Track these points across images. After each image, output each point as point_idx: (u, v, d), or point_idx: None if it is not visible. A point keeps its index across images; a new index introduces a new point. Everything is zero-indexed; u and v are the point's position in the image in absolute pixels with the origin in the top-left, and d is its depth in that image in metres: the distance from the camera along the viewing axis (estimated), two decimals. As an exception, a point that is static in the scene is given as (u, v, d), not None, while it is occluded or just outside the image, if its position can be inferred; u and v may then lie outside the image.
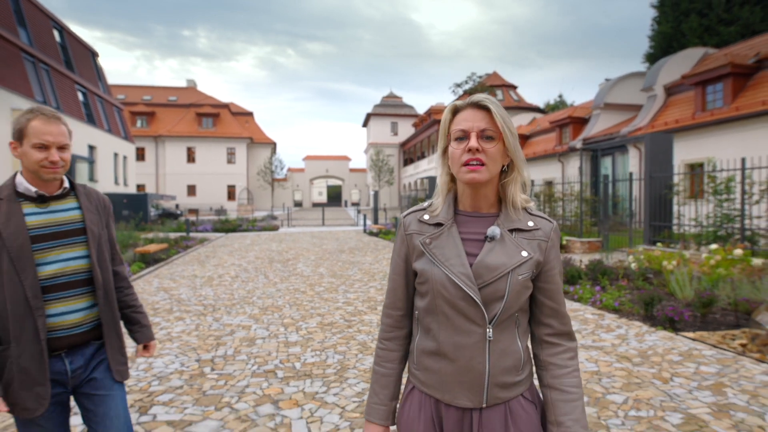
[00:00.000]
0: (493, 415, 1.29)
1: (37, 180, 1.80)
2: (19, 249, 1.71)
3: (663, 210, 10.69)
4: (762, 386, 3.85)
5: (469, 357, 1.27)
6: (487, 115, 1.29)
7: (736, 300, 6.00)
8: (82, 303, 1.82)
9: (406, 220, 1.43)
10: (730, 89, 16.14)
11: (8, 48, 19.80)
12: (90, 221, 1.87)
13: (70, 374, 1.81)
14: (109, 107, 31.56)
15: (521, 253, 1.29)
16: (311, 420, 3.33)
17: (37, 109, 1.77)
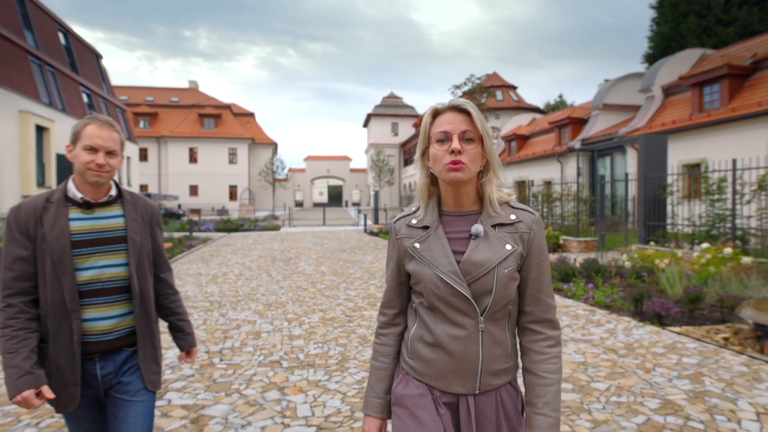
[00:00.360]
0: (485, 400, 1.39)
1: (84, 185, 1.85)
2: (61, 253, 1.75)
3: (657, 210, 10.92)
4: (738, 375, 4.09)
5: (464, 347, 1.35)
6: (467, 118, 1.36)
7: (723, 297, 6.22)
8: (116, 310, 1.85)
9: (396, 225, 1.51)
10: (726, 90, 16.36)
11: (16, 51, 20.07)
12: (132, 230, 1.88)
13: (101, 379, 1.85)
14: (112, 108, 31.83)
15: (505, 247, 1.36)
16: (315, 404, 3.58)
17: (94, 116, 1.85)
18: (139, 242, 1.88)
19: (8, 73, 19.01)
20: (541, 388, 1.38)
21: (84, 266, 1.79)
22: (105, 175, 1.82)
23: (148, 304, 1.91)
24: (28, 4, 22.84)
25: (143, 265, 1.90)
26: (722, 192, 9.22)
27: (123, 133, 1.92)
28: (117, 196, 1.92)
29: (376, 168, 53.62)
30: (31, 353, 1.74)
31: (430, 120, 1.42)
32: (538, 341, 1.42)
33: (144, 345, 1.90)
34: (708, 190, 9.44)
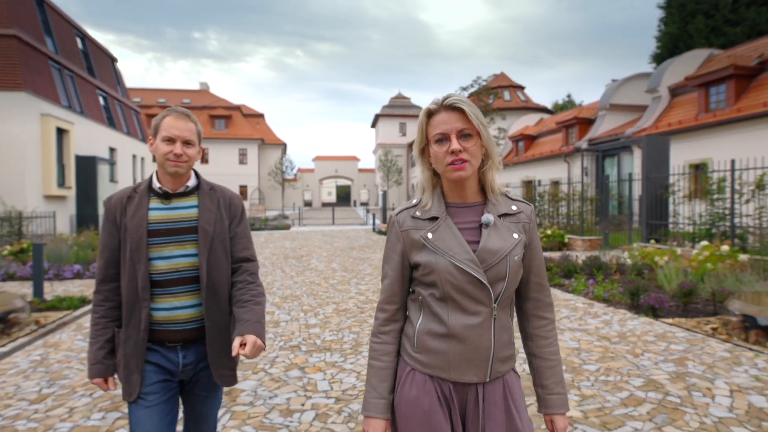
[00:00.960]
0: (494, 388, 1.42)
1: (165, 176, 1.90)
2: (138, 241, 1.81)
3: (660, 209, 11.23)
4: (720, 360, 4.44)
5: (478, 336, 1.38)
6: (462, 115, 1.38)
7: (717, 291, 6.55)
8: (192, 300, 1.86)
9: (399, 217, 1.50)
10: (732, 91, 16.56)
11: (37, 56, 20.70)
12: (204, 220, 1.88)
13: (181, 367, 1.87)
14: (127, 110, 32.48)
15: (513, 236, 1.42)
16: (333, 381, 3.99)
17: (172, 108, 1.90)
18: (211, 232, 1.88)
19: (31, 78, 19.64)
20: (550, 369, 1.49)
21: (160, 255, 1.84)
22: (183, 165, 1.86)
23: (220, 295, 1.90)
24: (48, 10, 23.49)
25: (216, 255, 1.89)
26: (722, 192, 9.52)
27: (199, 124, 1.95)
28: (195, 187, 1.95)
29: (384, 168, 54.00)
30: (106, 343, 1.86)
31: (425, 120, 1.45)
32: (543, 327, 1.51)
33: (214, 338, 1.87)
34: (708, 190, 9.74)
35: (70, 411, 3.62)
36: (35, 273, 8.18)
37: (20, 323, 6.25)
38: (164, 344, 1.85)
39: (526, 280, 1.49)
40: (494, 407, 1.40)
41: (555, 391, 1.48)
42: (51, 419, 3.49)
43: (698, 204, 11.07)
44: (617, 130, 22.72)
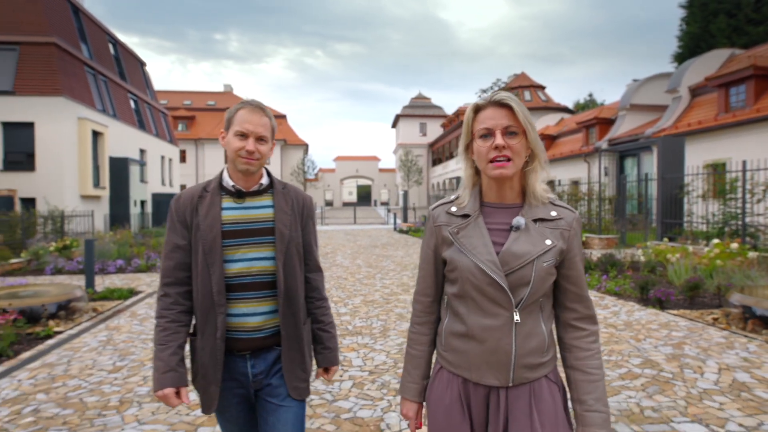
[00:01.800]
0: (518, 393, 1.37)
1: (236, 173, 1.79)
2: (212, 242, 1.71)
3: (675, 208, 11.55)
4: (715, 345, 4.89)
5: (497, 338, 1.35)
6: (509, 112, 1.36)
7: (723, 285, 6.94)
8: (264, 306, 1.76)
9: (435, 212, 1.51)
10: (752, 91, 16.67)
11: (74, 63, 21.73)
12: (280, 221, 1.79)
13: (251, 378, 1.78)
14: (156, 113, 33.58)
15: (545, 242, 1.36)
16: (365, 359, 4.57)
17: (246, 101, 1.78)
18: (287, 235, 1.79)
19: (68, 83, 20.64)
20: (590, 384, 1.39)
21: (233, 258, 1.73)
22: (255, 163, 1.75)
23: (295, 302, 1.80)
24: (83, 17, 24.56)
25: (292, 260, 1.79)
26: (734, 191, 9.84)
27: (273, 119, 1.84)
28: (268, 186, 1.86)
29: (404, 168, 54.48)
30: (178, 348, 1.72)
31: (472, 116, 1.43)
32: (583, 338, 1.43)
33: (289, 347, 1.78)
34: (721, 190, 10.07)
35: (144, 379, 4.26)
36: (87, 267, 8.92)
37: (80, 310, 6.96)
38: (233, 352, 1.76)
39: (564, 289, 1.44)
40: (519, 413, 1.37)
41: (595, 408, 1.37)
42: (129, 385, 4.13)
43: (712, 203, 11.37)
44: (637, 130, 22.87)
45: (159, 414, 3.55)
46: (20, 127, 19.93)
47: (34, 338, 5.65)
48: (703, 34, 26.00)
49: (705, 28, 25.94)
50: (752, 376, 4.01)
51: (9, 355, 5.03)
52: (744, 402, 3.52)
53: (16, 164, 19.83)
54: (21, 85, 20.15)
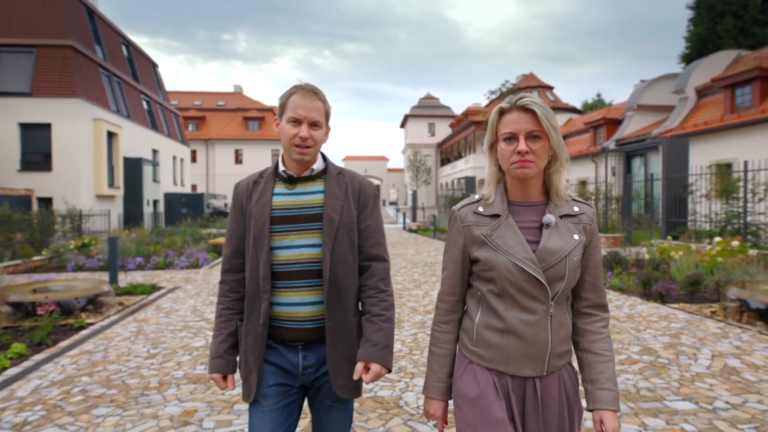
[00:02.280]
0: (550, 381, 1.45)
1: (289, 160, 1.75)
2: (261, 228, 1.68)
3: (679, 208, 11.80)
4: (711, 335, 5.18)
5: (536, 332, 1.41)
6: (533, 117, 1.39)
7: (722, 281, 7.22)
8: (314, 296, 1.69)
9: (461, 212, 1.53)
10: (757, 92, 16.86)
11: (90, 65, 22.22)
12: (330, 207, 1.70)
13: (301, 370, 1.72)
14: (168, 114, 34.10)
15: (574, 237, 1.43)
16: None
17: (298, 85, 1.73)
18: (336, 221, 1.70)
19: (84, 85, 21.11)
20: (602, 365, 1.47)
21: (282, 245, 1.69)
22: (308, 152, 1.70)
23: (344, 292, 1.70)
24: (97, 20, 25.05)
25: (341, 247, 1.70)
26: (736, 191, 10.09)
27: (328, 102, 1.77)
28: (322, 171, 1.79)
29: (413, 168, 54.75)
30: (229, 336, 1.75)
31: (496, 118, 1.46)
32: (595, 322, 1.51)
33: (335, 340, 1.68)
34: (723, 189, 10.32)
35: (179, 364, 4.62)
36: (111, 263, 9.32)
37: (107, 304, 7.34)
38: (285, 343, 1.72)
39: (582, 279, 1.51)
40: (551, 399, 1.44)
41: (606, 386, 1.46)
42: (166, 369, 4.49)
43: (715, 203, 11.61)
44: (645, 131, 23.06)
45: (197, 393, 3.90)
46: (37, 128, 20.40)
47: (68, 329, 6.03)
48: (710, 35, 26.13)
49: (712, 29, 26.06)
50: (742, 362, 4.31)
51: (48, 343, 5.41)
52: (732, 384, 3.83)
53: (34, 164, 20.30)
54: (38, 87, 20.63)
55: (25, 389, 4.03)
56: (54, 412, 3.61)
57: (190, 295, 8.16)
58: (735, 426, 3.13)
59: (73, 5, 22.89)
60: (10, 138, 19.95)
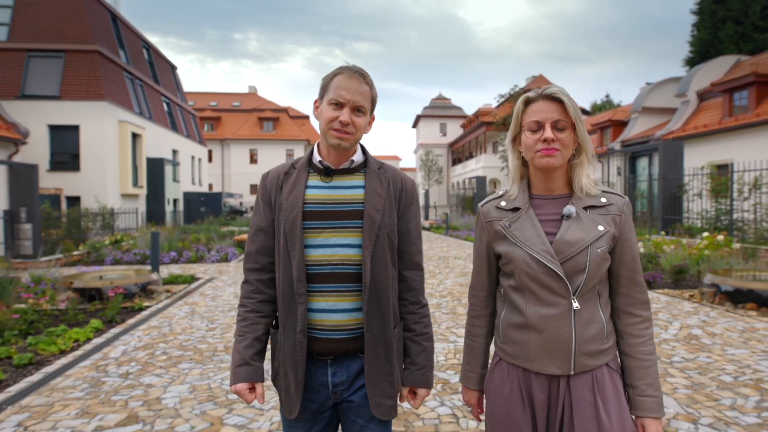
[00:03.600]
0: (580, 382, 1.37)
1: (327, 149, 1.60)
2: (292, 223, 1.53)
3: (674, 206, 12.64)
4: (684, 312, 6.07)
5: (556, 327, 1.36)
6: (560, 106, 1.37)
7: (704, 270, 8.07)
8: (347, 302, 1.53)
9: (485, 208, 1.53)
10: (754, 96, 17.59)
11: (115, 68, 23.31)
12: (371, 204, 1.55)
13: (331, 388, 1.56)
14: (186, 115, 35.20)
15: (598, 228, 1.37)
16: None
17: (345, 66, 1.57)
18: (378, 221, 1.54)
19: (110, 88, 22.18)
20: (642, 370, 1.40)
21: (315, 243, 1.54)
22: (348, 138, 1.54)
23: (384, 300, 1.54)
24: (120, 24, 26.15)
25: (383, 250, 1.55)
26: (724, 190, 10.93)
27: (375, 88, 1.63)
28: (362, 164, 1.64)
29: (425, 167, 55.59)
30: (255, 341, 1.58)
31: (522, 107, 1.44)
32: (635, 324, 1.43)
33: (374, 354, 1.54)
34: (713, 189, 11.16)
35: (237, 333, 5.59)
36: (153, 256, 10.31)
37: (156, 291, 8.33)
38: (312, 355, 1.56)
39: (616, 274, 1.44)
40: (584, 402, 1.36)
41: (647, 393, 1.40)
42: (227, 337, 5.45)
43: (707, 201, 12.43)
44: (649, 132, 23.79)
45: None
46: (66, 130, 21.44)
47: (130, 310, 7.01)
48: (712, 40, 26.80)
49: (714, 35, 26.74)
50: (704, 331, 5.21)
51: (117, 321, 6.39)
52: (691, 346, 4.73)
53: (62, 164, 21.32)
54: (67, 91, 21.68)
55: (116, 353, 5.00)
56: (147, 366, 4.57)
57: (227, 284, 9.14)
58: (684, 372, 4.03)
59: (98, 11, 24.00)
60: (40, 139, 20.97)
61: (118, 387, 4.01)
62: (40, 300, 6.95)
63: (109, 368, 4.50)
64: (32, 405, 3.67)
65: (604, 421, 1.33)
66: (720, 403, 3.47)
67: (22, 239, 12.72)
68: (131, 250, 13.59)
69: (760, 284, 6.33)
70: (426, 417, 3.34)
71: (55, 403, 3.69)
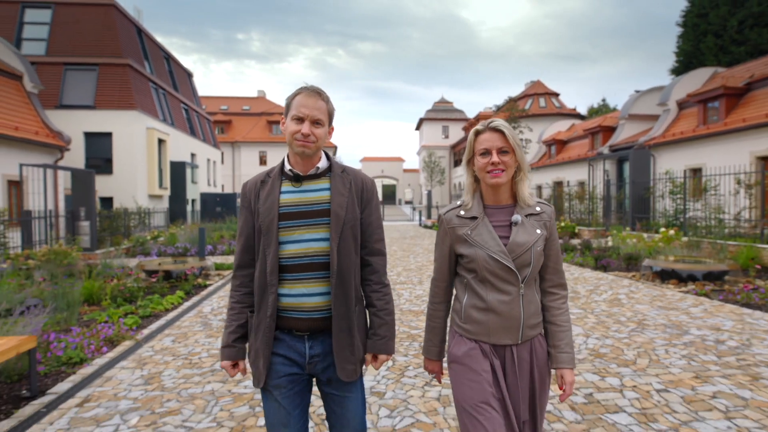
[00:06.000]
0: (523, 348, 1.86)
1: (294, 158, 1.87)
2: (269, 225, 1.80)
3: (643, 206, 14.63)
4: (620, 286, 8.09)
5: (510, 309, 1.81)
6: (502, 136, 1.81)
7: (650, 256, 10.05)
8: (319, 287, 1.82)
9: (447, 216, 1.94)
10: (723, 107, 19.54)
11: (142, 79, 25.36)
12: (336, 204, 1.83)
13: (308, 359, 1.86)
14: (202, 120, 37.22)
15: (537, 231, 1.83)
16: (411, 292, 7.86)
17: (303, 87, 1.85)
18: (343, 217, 1.83)
19: (139, 98, 24.21)
20: (562, 333, 1.90)
21: (290, 239, 1.82)
22: (310, 146, 1.81)
23: (347, 284, 1.84)
24: (145, 38, 28.22)
25: (346, 242, 1.84)
26: (679, 193, 12.92)
27: (331, 103, 1.89)
28: (326, 169, 1.92)
29: (428, 169, 57.44)
30: (238, 327, 1.91)
31: (473, 137, 1.88)
32: (556, 300, 1.93)
33: (339, 328, 1.83)
34: (671, 191, 13.15)
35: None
36: (200, 247, 12.39)
37: (210, 275, 10.38)
38: (291, 332, 1.85)
39: (545, 265, 1.91)
40: (524, 362, 1.85)
41: (565, 350, 1.88)
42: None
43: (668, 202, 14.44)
44: (635, 138, 25.73)
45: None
46: (100, 137, 23.45)
47: (196, 287, 9.04)
48: (695, 51, 28.73)
49: (696, 47, 28.67)
50: (627, 297, 7.24)
51: (192, 293, 8.42)
52: (611, 303, 6.78)
53: (97, 168, 23.28)
54: (100, 101, 23.69)
55: (206, 309, 7.03)
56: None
57: (266, 269, 11.21)
58: (597, 317, 6.07)
59: (127, 26, 26.08)
60: (76, 145, 22.97)
61: (220, 326, 6.06)
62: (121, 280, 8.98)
63: (208, 317, 6.54)
64: (171, 334, 5.72)
65: (535, 374, 1.85)
66: (609, 329, 5.53)
67: (82, 235, 14.81)
68: (173, 243, 15.62)
69: (680, 265, 8.37)
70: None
71: (186, 332, 5.74)
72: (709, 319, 5.96)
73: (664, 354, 4.64)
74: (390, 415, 3.43)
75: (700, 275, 8.17)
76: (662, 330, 5.48)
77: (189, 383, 4.09)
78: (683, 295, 7.39)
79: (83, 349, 4.80)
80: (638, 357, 4.56)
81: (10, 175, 15.76)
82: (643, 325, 5.68)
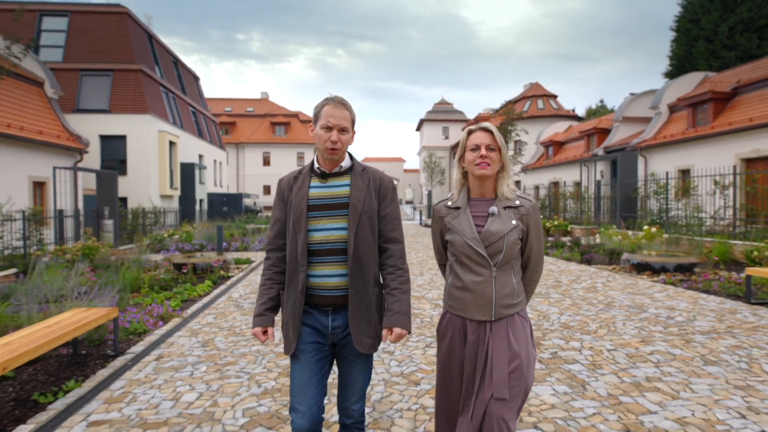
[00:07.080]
0: (499, 325, 2.09)
1: (323, 159, 2.20)
2: (299, 214, 2.14)
3: (630, 205, 15.62)
4: (600, 276, 9.08)
5: (482, 288, 2.07)
6: (491, 135, 2.11)
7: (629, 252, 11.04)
8: (341, 269, 2.13)
9: (437, 207, 2.26)
10: (711, 111, 20.51)
11: (154, 84, 26.35)
12: (355, 198, 2.15)
13: (330, 330, 2.18)
14: (208, 122, 38.17)
15: (512, 222, 2.08)
16: (413, 282, 8.87)
17: (329, 97, 2.16)
18: (360, 209, 2.14)
19: (151, 102, 25.19)
20: (529, 294, 2.28)
21: (316, 227, 2.15)
22: (337, 152, 2.15)
23: (365, 266, 2.14)
24: (155, 43, 29.21)
25: (363, 230, 2.14)
26: (663, 193, 13.91)
27: (353, 111, 2.21)
28: (349, 168, 2.25)
29: (428, 169, 58.36)
30: (269, 300, 2.24)
31: (466, 136, 2.17)
32: (527, 278, 2.25)
33: (356, 305, 2.13)
34: (656, 191, 14.14)
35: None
36: (218, 244, 13.41)
37: (229, 268, 11.40)
38: (318, 308, 2.18)
39: (527, 256, 2.20)
40: (499, 337, 2.07)
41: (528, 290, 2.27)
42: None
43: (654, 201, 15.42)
44: (628, 140, 26.68)
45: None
46: (115, 139, 24.41)
47: (220, 278, 10.04)
48: (687, 55, 29.71)
49: (689, 51, 29.65)
50: (603, 285, 8.24)
51: (218, 283, 9.43)
52: (588, 291, 7.77)
53: (111, 169, 24.37)
54: (115, 105, 24.66)
55: (235, 295, 8.03)
56: (259, 302, 7.64)
57: (280, 263, 12.23)
58: (574, 300, 7.07)
59: (139, 33, 27.08)
60: (92, 148, 23.91)
61: (250, 308, 7.05)
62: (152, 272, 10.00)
63: (239, 301, 7.54)
64: (211, 313, 6.72)
65: (513, 346, 2.07)
66: (581, 308, 6.54)
67: (106, 232, 15.84)
68: (189, 240, 16.62)
69: (654, 258, 9.38)
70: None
71: (224, 311, 6.75)
72: (668, 301, 6.97)
73: (621, 326, 5.65)
74: (399, 365, 4.44)
75: (671, 267, 9.17)
76: (626, 310, 6.48)
77: (238, 345, 5.10)
78: (653, 284, 8.39)
79: (144, 323, 5.82)
80: (599, 328, 5.57)
81: (35, 176, 16.77)
82: (611, 306, 6.69)
